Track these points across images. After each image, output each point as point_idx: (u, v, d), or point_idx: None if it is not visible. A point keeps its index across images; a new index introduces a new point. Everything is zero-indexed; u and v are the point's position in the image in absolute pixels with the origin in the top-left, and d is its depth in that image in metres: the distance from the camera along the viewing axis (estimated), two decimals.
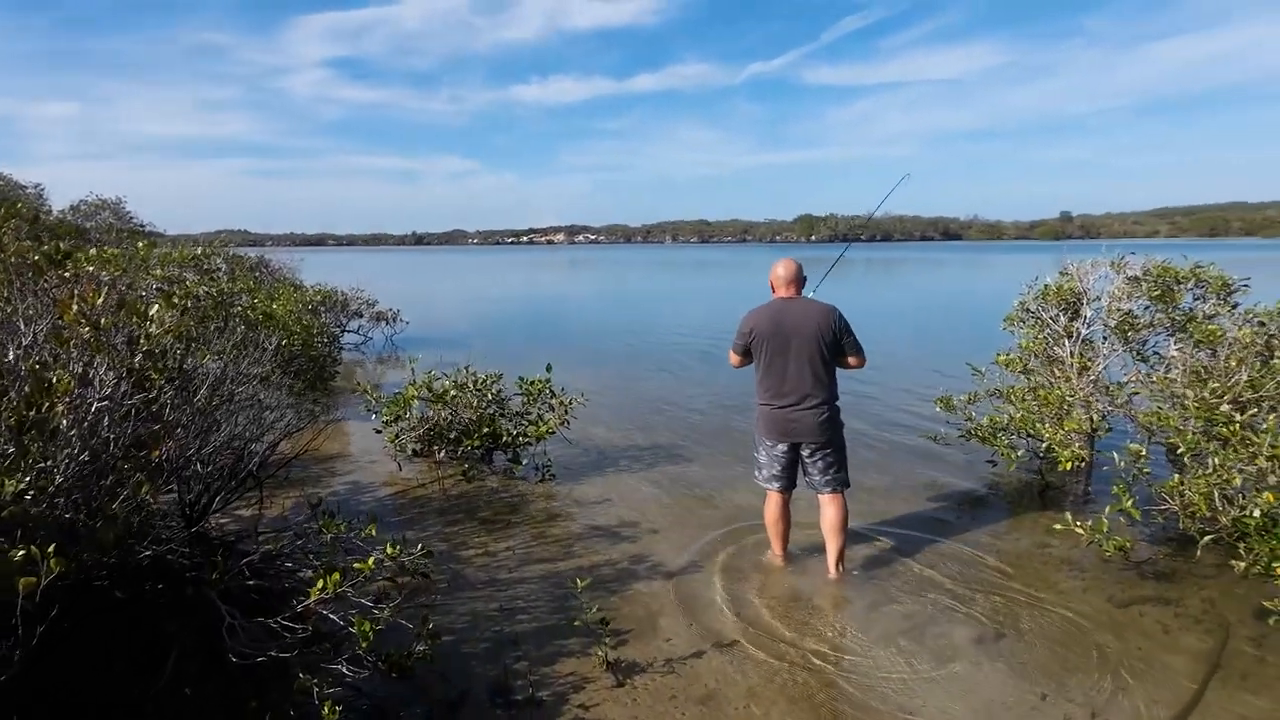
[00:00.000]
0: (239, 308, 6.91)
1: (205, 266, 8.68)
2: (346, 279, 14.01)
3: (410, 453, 5.72)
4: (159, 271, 7.12)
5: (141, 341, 2.72)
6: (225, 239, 12.99)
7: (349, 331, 12.99)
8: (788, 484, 3.94)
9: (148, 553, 2.92)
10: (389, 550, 2.77)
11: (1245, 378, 4.00)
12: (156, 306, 2.81)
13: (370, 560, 2.59)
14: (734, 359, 4.07)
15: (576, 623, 3.20)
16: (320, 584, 2.47)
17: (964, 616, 3.48)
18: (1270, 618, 3.18)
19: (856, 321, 3.86)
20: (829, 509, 3.84)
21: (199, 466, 3.41)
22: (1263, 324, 4.49)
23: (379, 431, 5.79)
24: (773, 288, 3.98)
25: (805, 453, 3.87)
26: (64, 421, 2.40)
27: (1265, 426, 3.63)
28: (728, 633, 3.32)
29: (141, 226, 20.06)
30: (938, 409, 5.70)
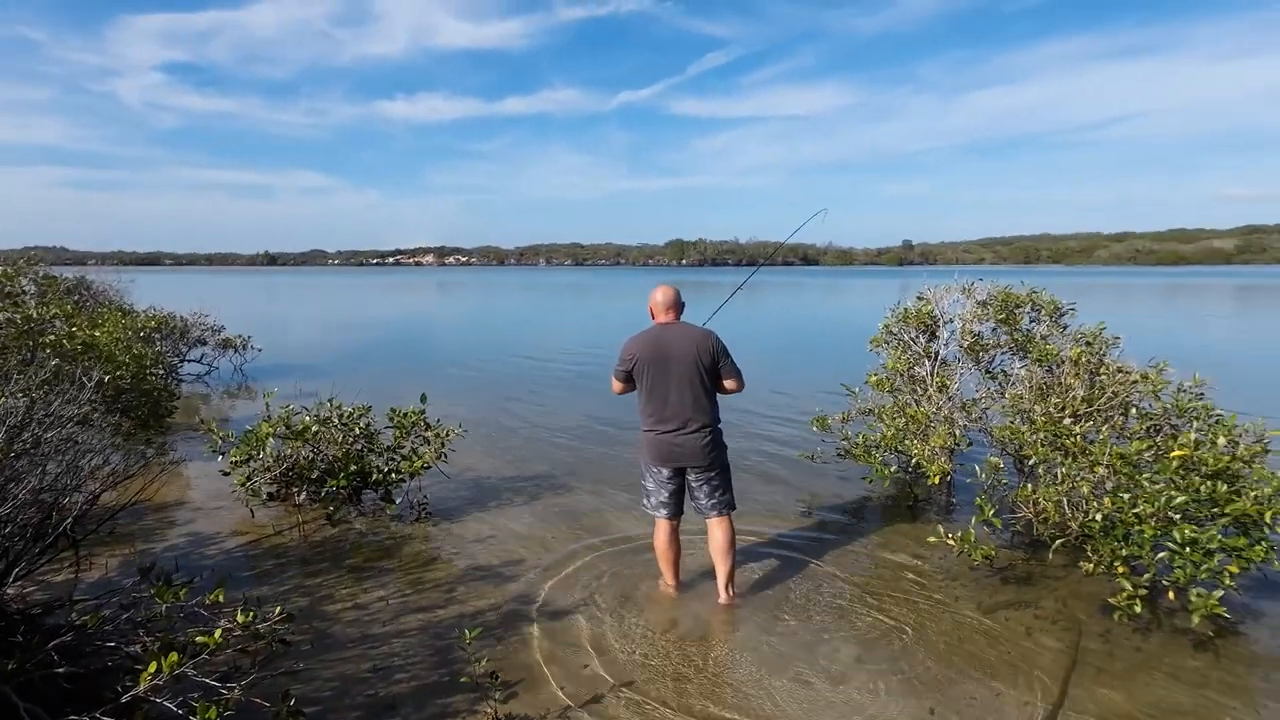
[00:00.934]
0: (51, 336, 6.00)
1: (7, 289, 7.49)
2: (187, 302, 12.69)
3: (265, 496, 5.15)
4: None
5: None
6: (34, 257, 11.33)
7: (190, 361, 11.74)
8: (676, 510, 3.88)
9: None
10: (239, 617, 2.41)
11: (1081, 393, 4.42)
12: None
13: (217, 633, 2.23)
14: (616, 386, 3.98)
15: (463, 678, 2.94)
16: (153, 666, 2.09)
17: (851, 634, 3.54)
18: (1114, 613, 3.47)
19: (733, 344, 3.90)
20: (716, 532, 3.82)
21: None
22: (1089, 344, 5.00)
23: (227, 474, 5.18)
24: (652, 314, 3.93)
25: (691, 477, 3.84)
26: None
27: (1100, 437, 4.01)
28: (624, 673, 3.18)
29: None
30: (814, 428, 5.89)
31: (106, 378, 5.78)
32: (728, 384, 3.85)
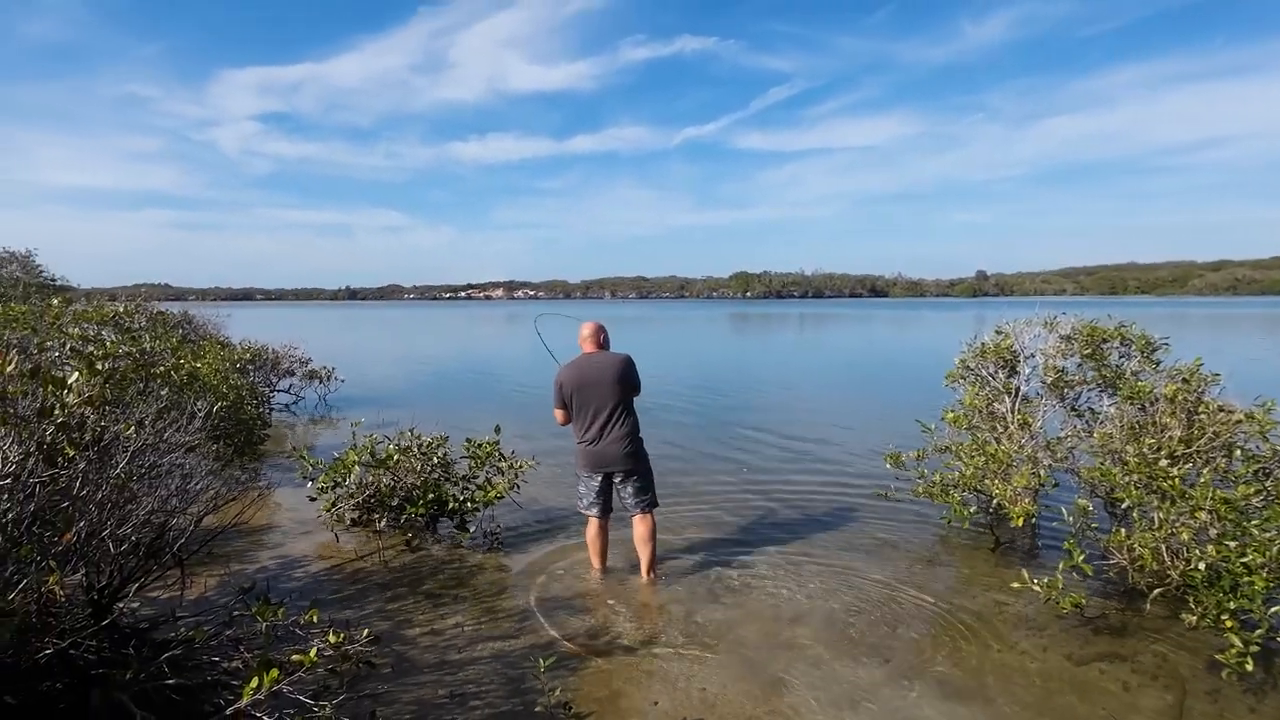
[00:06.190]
0: (161, 368, 6.48)
1: (125, 324, 8.16)
2: (277, 335, 13.46)
3: (349, 522, 5.38)
4: (75, 330, 6.64)
5: (56, 412, 2.47)
6: (145, 293, 12.29)
7: (279, 391, 12.40)
8: (604, 509, 4.59)
9: (48, 650, 2.59)
10: (331, 639, 2.53)
11: (1178, 433, 4.18)
12: (76, 375, 2.56)
13: (312, 652, 2.35)
14: (559, 415, 4.62)
15: (538, 708, 2.99)
16: (254, 681, 2.22)
17: (935, 682, 3.41)
18: (1223, 670, 3.23)
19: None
20: (640, 526, 4.55)
21: (112, 546, 3.10)
22: (1186, 381, 4.73)
23: (314, 499, 5.44)
24: (581, 346, 4.66)
25: (617, 480, 4.55)
26: None
27: (1201, 480, 3.78)
28: (694, 710, 3.16)
29: (52, 280, 18.91)
30: (887, 466, 5.75)
31: (213, 408, 6.17)
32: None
